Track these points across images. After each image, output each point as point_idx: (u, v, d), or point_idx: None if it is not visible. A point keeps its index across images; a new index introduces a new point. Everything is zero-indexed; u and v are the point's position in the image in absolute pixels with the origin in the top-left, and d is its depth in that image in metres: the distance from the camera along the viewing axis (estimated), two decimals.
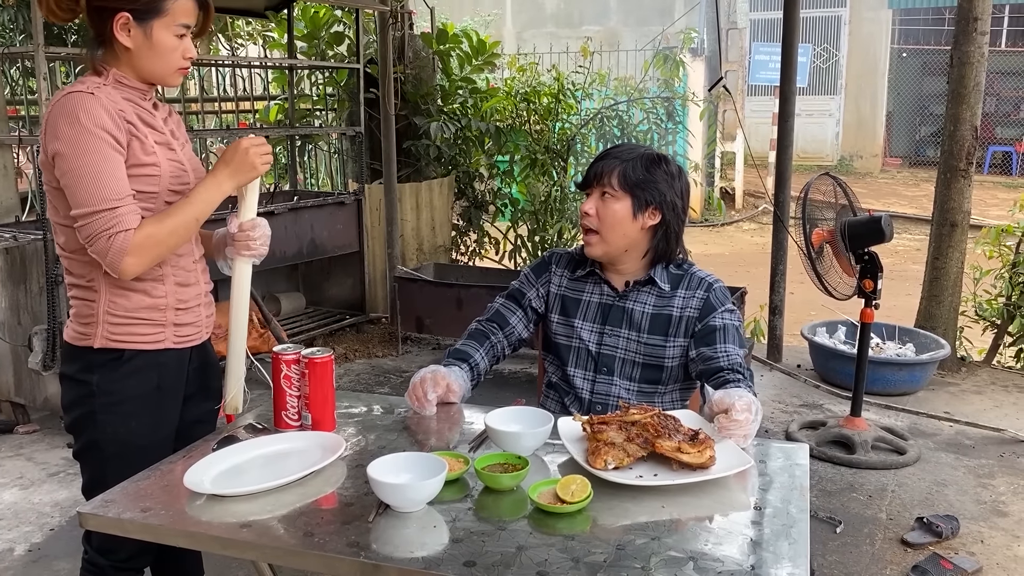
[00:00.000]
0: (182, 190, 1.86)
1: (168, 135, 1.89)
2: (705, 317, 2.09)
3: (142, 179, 1.79)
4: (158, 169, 1.81)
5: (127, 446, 1.85)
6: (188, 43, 1.84)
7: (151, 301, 1.85)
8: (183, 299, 1.91)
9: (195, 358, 1.99)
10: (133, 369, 1.84)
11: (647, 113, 6.35)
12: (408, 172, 6.04)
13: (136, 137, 1.78)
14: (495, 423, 1.71)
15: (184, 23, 1.80)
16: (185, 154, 1.92)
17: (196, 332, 1.96)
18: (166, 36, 1.79)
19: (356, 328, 5.60)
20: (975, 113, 4.56)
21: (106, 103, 1.74)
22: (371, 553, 1.36)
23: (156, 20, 1.77)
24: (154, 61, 1.80)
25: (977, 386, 4.67)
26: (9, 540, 3.05)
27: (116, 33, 1.77)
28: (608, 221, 2.06)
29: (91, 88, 1.75)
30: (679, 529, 1.45)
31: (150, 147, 1.80)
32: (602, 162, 2.09)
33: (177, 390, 1.95)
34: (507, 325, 2.23)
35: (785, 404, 4.42)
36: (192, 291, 1.93)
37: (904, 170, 14.56)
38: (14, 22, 7.32)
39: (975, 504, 3.33)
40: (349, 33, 6.14)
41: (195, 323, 1.95)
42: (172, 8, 1.78)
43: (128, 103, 1.81)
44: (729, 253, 9.24)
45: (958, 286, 4.82)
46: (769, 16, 13.64)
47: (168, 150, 1.86)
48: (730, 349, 2.04)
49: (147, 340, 1.86)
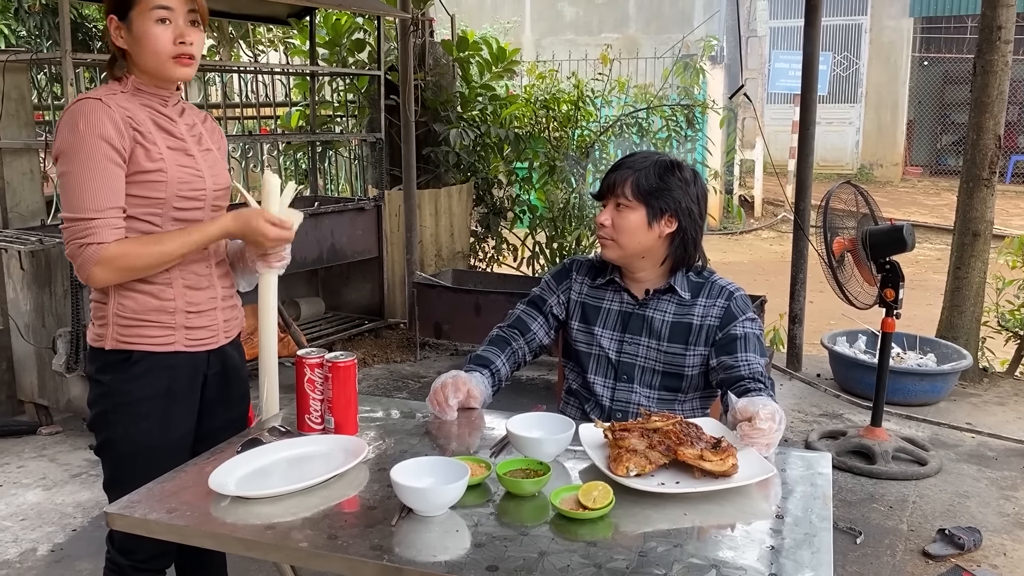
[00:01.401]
0: (194, 196, 1.86)
1: (188, 141, 1.88)
2: (726, 326, 2.08)
3: (146, 184, 1.80)
4: (164, 175, 1.80)
5: (138, 446, 1.86)
6: (179, 27, 1.80)
7: (159, 303, 1.85)
8: (194, 302, 1.90)
9: (214, 362, 1.98)
10: (143, 370, 1.85)
11: (667, 121, 6.35)
12: (427, 178, 6.06)
13: (141, 144, 1.78)
14: (517, 429, 1.72)
15: (160, 5, 1.77)
16: (206, 161, 1.91)
17: (211, 336, 1.95)
18: (146, 24, 1.77)
19: (375, 333, 5.62)
20: (998, 122, 4.53)
21: (114, 110, 1.76)
22: (394, 557, 1.37)
23: (132, 12, 1.77)
24: (146, 56, 1.79)
25: (1000, 397, 4.62)
26: (32, 540, 3.08)
27: (114, 40, 1.80)
28: (623, 231, 2.06)
29: (102, 95, 1.78)
30: (701, 537, 1.45)
31: (156, 154, 1.80)
32: (615, 172, 2.09)
33: (191, 393, 1.95)
34: (528, 331, 2.23)
35: (805, 413, 4.39)
36: (205, 295, 1.92)
37: (925, 179, 14.46)
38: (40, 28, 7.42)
39: (998, 516, 3.29)
40: (370, 40, 6.18)
41: (210, 327, 1.94)
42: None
43: (145, 108, 1.83)
44: (748, 261, 9.20)
45: (980, 296, 4.77)
46: (789, 24, 13.60)
47: (184, 156, 1.86)
48: (751, 358, 2.03)
49: (156, 342, 1.86)
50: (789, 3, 13.57)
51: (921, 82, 14.70)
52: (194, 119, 1.95)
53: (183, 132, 1.88)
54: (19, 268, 3.87)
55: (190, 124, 1.93)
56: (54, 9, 6.63)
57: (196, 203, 1.87)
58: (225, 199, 1.97)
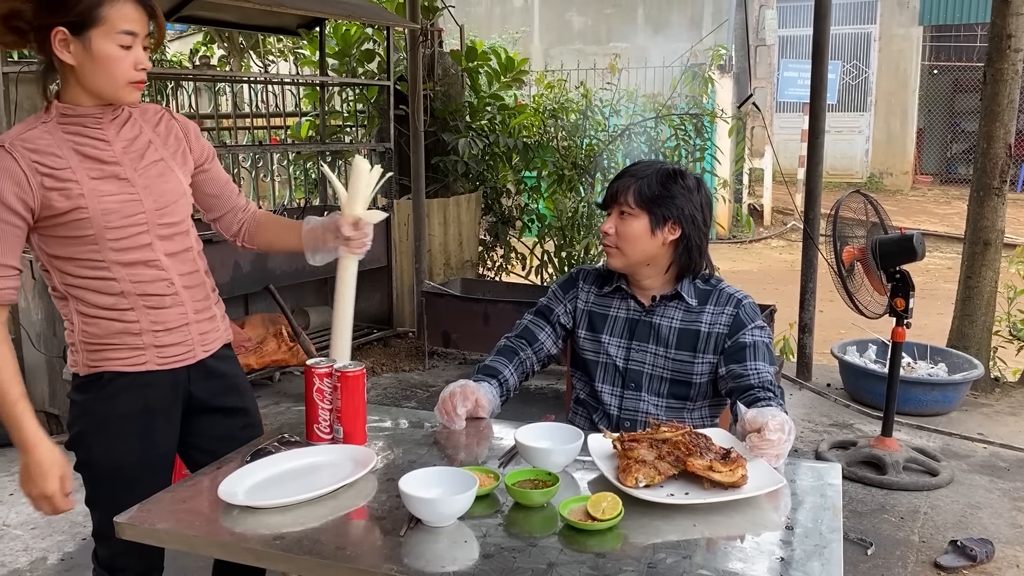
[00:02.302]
0: (129, 223, 1.76)
1: (122, 162, 1.78)
2: (735, 334, 2.08)
3: (69, 225, 1.72)
4: (85, 212, 1.71)
5: (118, 464, 1.84)
6: (139, 53, 1.71)
7: (123, 326, 1.80)
8: (160, 321, 1.84)
9: (196, 376, 1.92)
10: (117, 390, 1.82)
11: (675, 130, 6.35)
12: (436, 188, 6.08)
13: (53, 188, 1.69)
14: (525, 439, 1.72)
15: (127, 30, 1.68)
16: (146, 179, 1.80)
17: (186, 352, 1.88)
18: (108, 46, 1.67)
19: (383, 342, 5.63)
20: (1009, 131, 4.52)
21: (15, 158, 1.67)
22: (402, 567, 1.37)
23: (93, 30, 1.66)
24: (99, 76, 1.70)
25: (1012, 407, 4.59)
26: (42, 549, 3.09)
27: (56, 51, 1.67)
28: (627, 239, 2.07)
29: (10, 140, 1.69)
30: (710, 548, 1.44)
31: (76, 191, 1.70)
32: (619, 181, 2.10)
33: (169, 410, 1.90)
34: (536, 341, 2.24)
35: (815, 423, 4.37)
36: (172, 312, 1.85)
37: (935, 188, 14.41)
38: None
39: (1010, 528, 3.27)
40: (379, 51, 6.21)
41: (184, 342, 1.88)
42: (108, 15, 1.66)
43: (69, 138, 1.73)
44: (757, 270, 9.18)
45: (991, 305, 4.75)
46: (798, 33, 13.61)
47: (114, 182, 1.75)
48: (760, 367, 2.03)
49: (127, 363, 1.82)
50: (798, 12, 13.58)
51: (931, 90, 14.68)
52: (141, 127, 1.84)
53: (116, 153, 1.77)
54: (30, 277, 3.90)
55: (132, 137, 1.81)
56: None
57: (135, 228, 1.78)
58: (177, 213, 1.86)
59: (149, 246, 1.81)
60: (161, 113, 1.91)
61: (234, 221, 2.07)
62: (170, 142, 1.89)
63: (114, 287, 1.79)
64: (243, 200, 2.08)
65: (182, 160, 1.90)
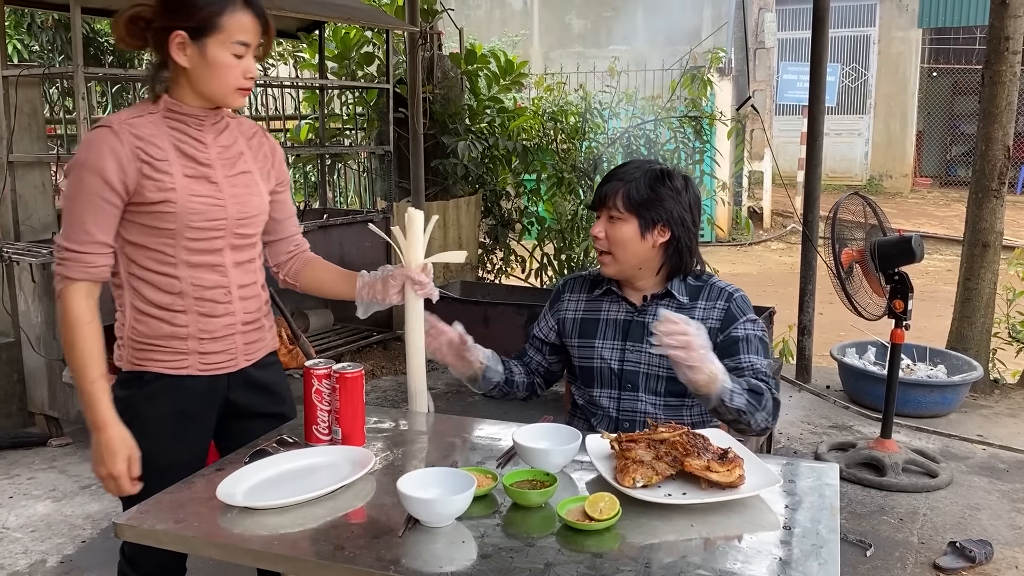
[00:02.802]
0: (210, 226, 1.83)
1: (215, 166, 1.85)
2: (727, 328, 2.08)
3: (154, 215, 1.79)
4: (172, 206, 1.78)
5: (146, 465, 1.84)
6: (249, 62, 1.81)
7: (171, 329, 1.85)
8: (208, 329, 1.88)
9: (236, 384, 1.96)
10: (154, 391, 1.86)
11: (674, 132, 6.35)
12: (436, 190, 6.09)
13: (150, 176, 1.76)
14: (523, 440, 1.72)
15: (241, 40, 1.77)
16: (234, 187, 1.87)
17: (229, 360, 1.93)
18: (222, 54, 1.76)
19: (383, 345, 5.63)
20: (1007, 133, 4.52)
21: (122, 142, 1.74)
22: (400, 567, 1.37)
23: (211, 37, 1.75)
24: (211, 81, 1.78)
25: (1011, 409, 4.59)
26: (42, 552, 3.10)
27: (173, 53, 1.76)
28: (617, 243, 2.08)
29: (119, 121, 1.77)
30: (708, 548, 1.44)
31: (168, 184, 1.77)
32: (608, 184, 2.10)
33: (205, 415, 1.94)
34: (525, 355, 2.30)
35: (814, 425, 4.38)
36: (222, 321, 1.89)
37: (935, 190, 14.42)
38: (52, 43, 7.50)
39: (1009, 529, 3.27)
40: (379, 54, 6.22)
41: (227, 351, 1.92)
42: (227, 25, 1.75)
43: (171, 133, 1.81)
44: (757, 273, 9.19)
45: (990, 307, 4.75)
46: (797, 35, 13.62)
47: (205, 184, 1.82)
48: (754, 359, 2.04)
49: (169, 366, 1.87)
50: (797, 15, 13.59)
51: (930, 93, 14.69)
52: (236, 136, 1.92)
53: (211, 157, 1.85)
54: (30, 280, 3.90)
55: (227, 144, 1.89)
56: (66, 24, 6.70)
57: (214, 232, 1.85)
58: (255, 225, 1.94)
59: (220, 252, 1.87)
60: (256, 129, 2.00)
61: (283, 251, 2.11)
62: (259, 158, 1.96)
63: (175, 286, 1.84)
64: (300, 236, 2.14)
65: (266, 178, 1.97)
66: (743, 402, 1.91)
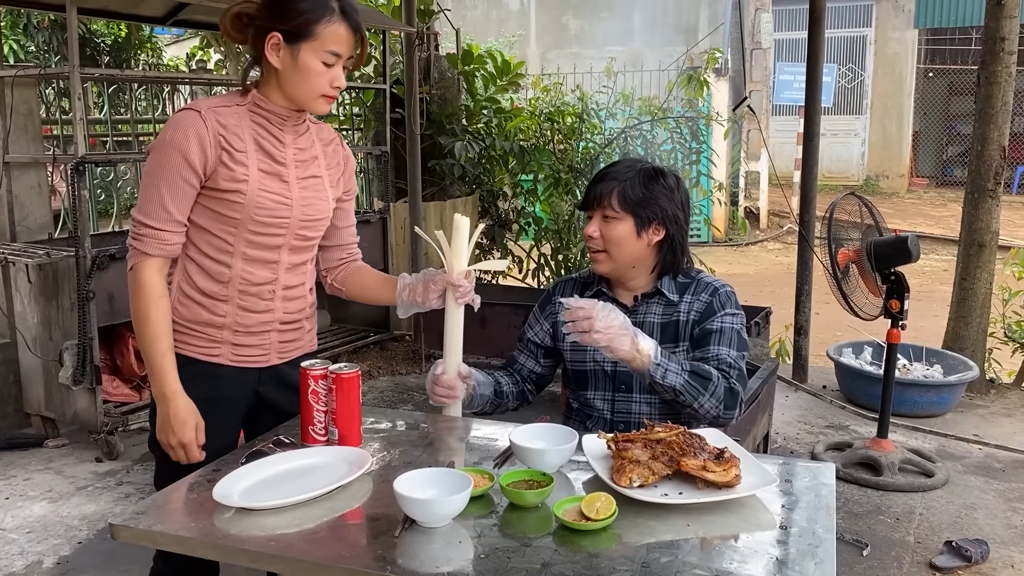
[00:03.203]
0: (274, 223, 1.87)
1: (289, 166, 1.89)
2: (704, 320, 2.09)
3: (222, 202, 1.83)
4: (241, 197, 1.82)
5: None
6: (338, 72, 1.84)
7: (209, 317, 1.90)
8: (245, 324, 1.93)
9: (267, 379, 2.00)
10: (187, 376, 1.87)
11: (671, 133, 6.36)
12: (433, 191, 6.08)
13: (226, 164, 1.81)
14: (520, 440, 1.72)
15: (333, 50, 1.81)
16: (304, 189, 1.91)
17: (262, 355, 1.97)
18: (312, 61, 1.80)
19: (380, 345, 5.63)
20: (1003, 133, 4.53)
21: (207, 125, 1.79)
22: (397, 568, 1.37)
23: (305, 43, 1.79)
24: (299, 85, 1.83)
25: (1007, 408, 4.60)
26: (38, 553, 3.09)
27: (267, 53, 1.81)
28: (613, 242, 2.08)
29: (207, 107, 1.82)
30: (704, 547, 1.44)
31: (242, 175, 1.82)
32: (600, 184, 2.09)
33: (235, 406, 1.98)
34: (516, 363, 2.30)
35: (811, 425, 4.38)
36: (260, 317, 1.94)
37: (931, 190, 14.44)
38: (48, 43, 7.49)
39: (1005, 528, 3.27)
40: (376, 54, 6.22)
41: (261, 346, 1.96)
42: (322, 33, 1.79)
43: (254, 126, 1.86)
44: (754, 273, 9.20)
45: (986, 307, 4.76)
46: (794, 36, 13.64)
47: (277, 181, 1.87)
48: (723, 351, 2.04)
49: (202, 352, 1.91)
50: (794, 15, 13.61)
51: (926, 93, 14.71)
52: (314, 141, 1.96)
53: (287, 156, 1.89)
54: (26, 281, 3.90)
55: (303, 147, 1.93)
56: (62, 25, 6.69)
57: (277, 230, 1.89)
58: (316, 229, 1.97)
59: (279, 249, 1.92)
60: (334, 137, 2.05)
61: (336, 257, 2.14)
62: (332, 165, 2.01)
63: (224, 275, 1.89)
64: (355, 246, 2.18)
65: (336, 185, 2.02)
66: (680, 382, 1.92)
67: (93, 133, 5.95)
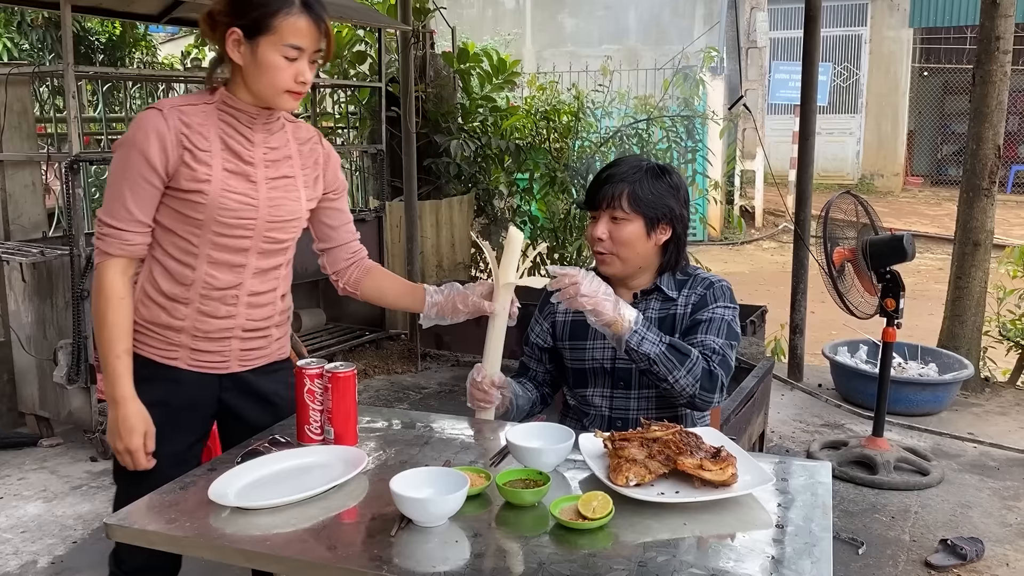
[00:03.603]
0: (239, 224, 1.83)
1: (257, 166, 1.85)
2: (696, 312, 2.09)
3: (185, 203, 1.80)
4: (204, 198, 1.78)
5: None
6: (301, 66, 1.79)
7: (167, 320, 1.86)
8: (204, 329, 1.88)
9: (229, 385, 1.95)
10: (143, 377, 1.84)
11: (667, 131, 6.37)
12: (428, 190, 6.08)
13: (188, 165, 1.77)
14: (516, 439, 1.72)
15: (293, 43, 1.76)
16: (273, 190, 1.86)
17: (221, 362, 1.92)
18: (272, 55, 1.76)
19: (376, 344, 5.62)
20: (998, 132, 4.54)
21: (168, 125, 1.75)
22: (393, 567, 1.37)
23: (263, 38, 1.75)
24: (261, 81, 1.78)
25: (1001, 407, 4.61)
26: (32, 552, 3.08)
27: (228, 49, 1.78)
28: (623, 243, 2.06)
29: (170, 106, 1.79)
30: (701, 546, 1.44)
31: (204, 175, 1.78)
32: (608, 185, 2.06)
33: (193, 412, 1.93)
34: (528, 371, 2.29)
35: (806, 424, 4.39)
36: (221, 323, 1.89)
37: (926, 189, 14.47)
38: (42, 41, 7.46)
39: (1000, 526, 3.28)
40: (371, 52, 6.21)
41: (221, 352, 1.91)
42: (280, 27, 1.75)
43: (222, 124, 1.82)
44: (749, 272, 9.20)
45: (981, 306, 4.77)
46: (789, 35, 13.65)
47: (243, 181, 1.83)
48: (709, 339, 2.03)
49: (160, 354, 1.88)
50: (789, 14, 13.63)
51: (921, 92, 14.75)
52: (288, 140, 1.92)
53: (256, 155, 1.85)
54: (20, 280, 3.88)
55: (275, 146, 1.89)
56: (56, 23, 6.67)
57: (242, 231, 1.84)
58: (286, 231, 1.92)
59: (245, 252, 1.87)
60: (312, 135, 2.00)
61: (342, 258, 2.10)
62: (308, 165, 1.96)
63: (187, 277, 1.85)
64: (358, 244, 2.13)
65: (312, 185, 1.96)
66: (656, 351, 1.92)
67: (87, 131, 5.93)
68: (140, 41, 8.45)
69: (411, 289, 2.11)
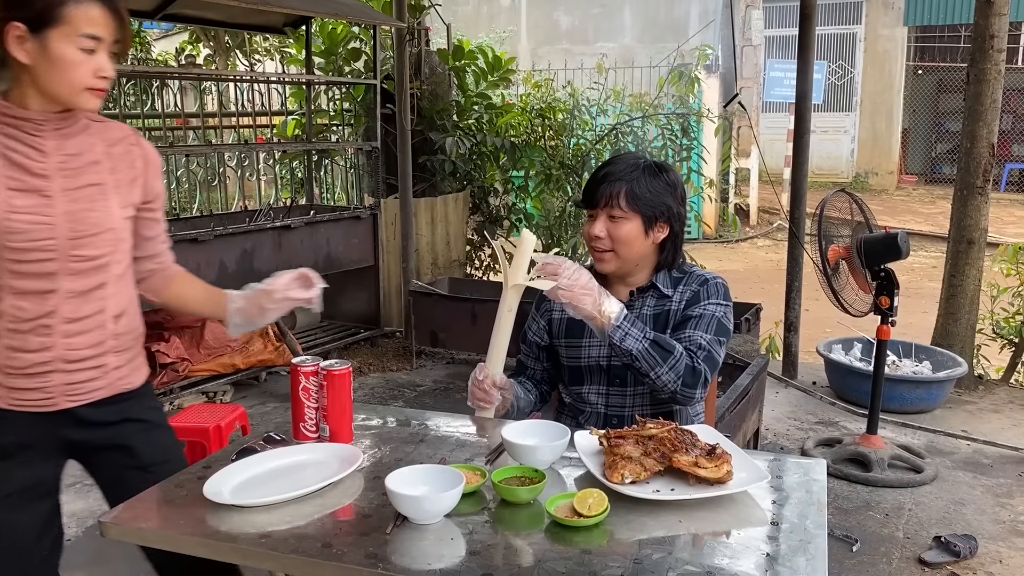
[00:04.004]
0: (35, 247, 1.62)
1: (52, 178, 1.64)
2: (688, 307, 2.09)
3: None
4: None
5: None
6: (101, 59, 1.61)
7: None
8: (17, 366, 1.67)
9: (66, 422, 1.74)
10: None
11: (662, 129, 6.37)
12: (423, 187, 6.07)
13: None
14: (512, 436, 1.72)
15: (90, 33, 1.58)
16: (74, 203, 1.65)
17: (45, 399, 1.70)
18: (67, 49, 1.57)
19: (371, 342, 5.62)
20: (992, 130, 4.55)
21: None
22: (389, 565, 1.37)
23: (53, 30, 1.56)
24: (56, 79, 1.59)
25: (995, 404, 4.63)
26: None
27: (10, 48, 1.57)
28: (622, 242, 2.06)
29: None
30: (696, 544, 1.45)
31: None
32: (605, 183, 2.06)
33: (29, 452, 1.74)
34: (528, 369, 2.29)
35: (800, 421, 4.40)
36: (34, 357, 1.67)
37: (920, 187, 14.50)
38: None
39: (993, 524, 3.29)
40: (366, 49, 6.20)
41: (42, 389, 1.70)
42: (71, 16, 1.56)
43: (3, 139, 1.61)
44: (744, 269, 9.22)
45: (975, 304, 4.79)
46: (784, 33, 13.66)
47: (37, 198, 1.62)
48: (696, 334, 2.02)
49: None
50: (784, 12, 13.63)
51: (915, 91, 14.77)
52: (93, 143, 1.71)
53: (50, 166, 1.64)
54: None
55: (75, 153, 1.68)
56: None
57: (41, 255, 1.63)
58: (97, 246, 1.69)
59: (53, 276, 1.66)
60: (125, 136, 1.78)
61: (145, 268, 1.89)
62: (121, 168, 1.75)
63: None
64: (166, 255, 1.93)
65: (127, 191, 1.75)
66: (638, 348, 1.91)
67: None
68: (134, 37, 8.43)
69: (212, 295, 1.93)
